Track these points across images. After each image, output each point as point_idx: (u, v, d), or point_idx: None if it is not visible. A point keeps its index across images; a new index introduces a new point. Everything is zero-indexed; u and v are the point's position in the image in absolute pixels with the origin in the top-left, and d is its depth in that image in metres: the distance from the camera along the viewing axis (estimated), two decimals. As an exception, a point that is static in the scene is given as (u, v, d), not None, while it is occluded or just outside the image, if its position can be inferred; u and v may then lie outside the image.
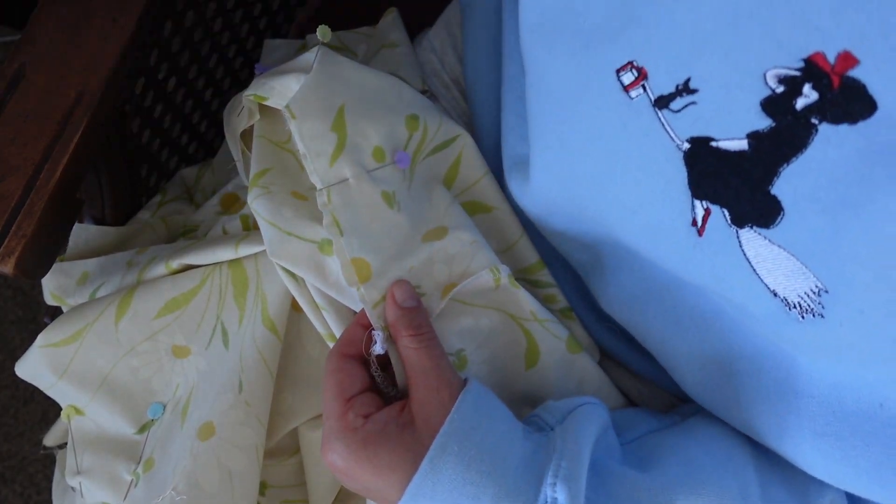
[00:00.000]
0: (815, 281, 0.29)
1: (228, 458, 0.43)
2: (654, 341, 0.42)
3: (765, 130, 0.28)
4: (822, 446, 0.33)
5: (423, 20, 0.60)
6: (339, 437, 0.36)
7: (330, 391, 0.38)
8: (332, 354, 0.39)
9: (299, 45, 0.62)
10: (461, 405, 0.35)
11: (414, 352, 0.37)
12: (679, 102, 0.30)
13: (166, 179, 0.62)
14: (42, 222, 0.43)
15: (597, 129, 0.34)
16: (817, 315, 0.29)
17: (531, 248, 0.47)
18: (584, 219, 0.40)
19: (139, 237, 0.55)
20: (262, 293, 0.45)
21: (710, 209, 0.31)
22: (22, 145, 0.44)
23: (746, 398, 0.37)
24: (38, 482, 1.05)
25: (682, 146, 0.31)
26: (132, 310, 0.46)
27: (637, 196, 0.34)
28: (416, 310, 0.39)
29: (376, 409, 0.37)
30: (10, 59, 0.46)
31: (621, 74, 0.32)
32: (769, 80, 0.27)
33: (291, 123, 0.41)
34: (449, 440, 0.34)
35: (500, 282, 0.42)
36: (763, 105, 0.27)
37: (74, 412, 0.49)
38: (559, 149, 0.37)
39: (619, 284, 0.41)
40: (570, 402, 0.40)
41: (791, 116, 0.27)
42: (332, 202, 0.40)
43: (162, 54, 0.54)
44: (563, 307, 0.47)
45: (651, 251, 0.36)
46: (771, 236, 0.29)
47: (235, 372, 0.44)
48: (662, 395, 0.49)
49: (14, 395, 1.08)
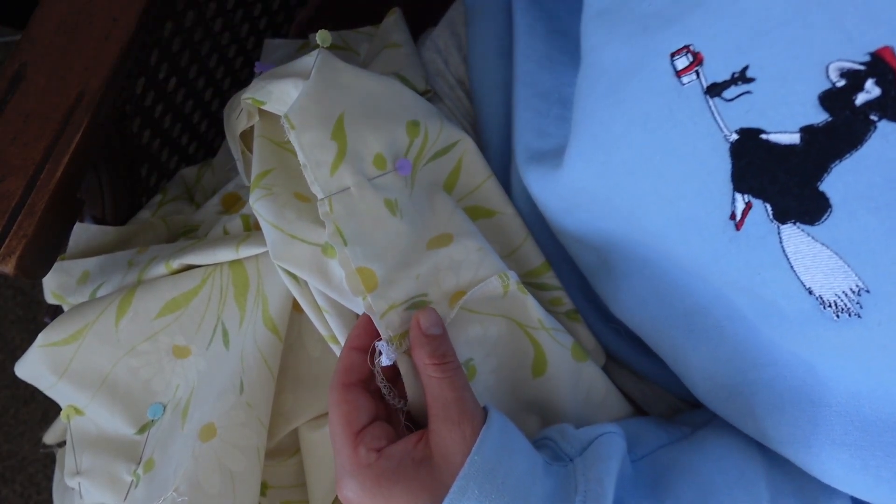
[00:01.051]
0: (857, 280, 0.28)
1: (230, 459, 0.42)
2: (666, 346, 0.41)
3: (819, 125, 0.27)
4: (841, 456, 0.33)
5: (426, 20, 0.60)
6: (352, 475, 0.35)
7: (337, 425, 0.36)
8: (334, 387, 0.37)
9: (299, 45, 0.62)
10: (482, 445, 0.34)
11: (437, 382, 0.36)
12: (733, 91, 0.29)
13: (166, 179, 0.62)
14: (43, 222, 0.43)
15: (641, 115, 0.33)
16: (853, 315, 0.29)
17: (536, 251, 0.47)
18: (608, 213, 0.39)
19: (140, 237, 0.55)
20: (263, 293, 0.45)
21: (752, 203, 0.30)
22: (22, 145, 0.44)
23: (761, 407, 0.36)
24: (39, 482, 1.06)
25: (730, 137, 0.30)
26: (132, 310, 0.46)
27: (674, 186, 0.33)
28: (441, 338, 0.38)
29: (388, 442, 0.36)
30: (10, 59, 0.46)
31: (675, 59, 0.31)
32: (831, 73, 0.26)
33: (291, 134, 0.40)
34: (469, 483, 0.33)
35: (509, 288, 0.41)
36: (821, 98, 0.27)
37: (74, 412, 0.49)
38: (600, 134, 0.36)
39: (630, 288, 0.41)
40: (590, 432, 0.39)
41: (849, 112, 0.26)
42: (334, 211, 0.40)
43: (162, 54, 0.54)
44: (568, 309, 0.47)
45: (680, 245, 0.35)
46: (814, 233, 0.29)
47: (236, 373, 0.44)
48: (667, 397, 0.49)
49: (14, 395, 1.08)
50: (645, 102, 0.33)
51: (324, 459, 0.46)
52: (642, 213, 0.36)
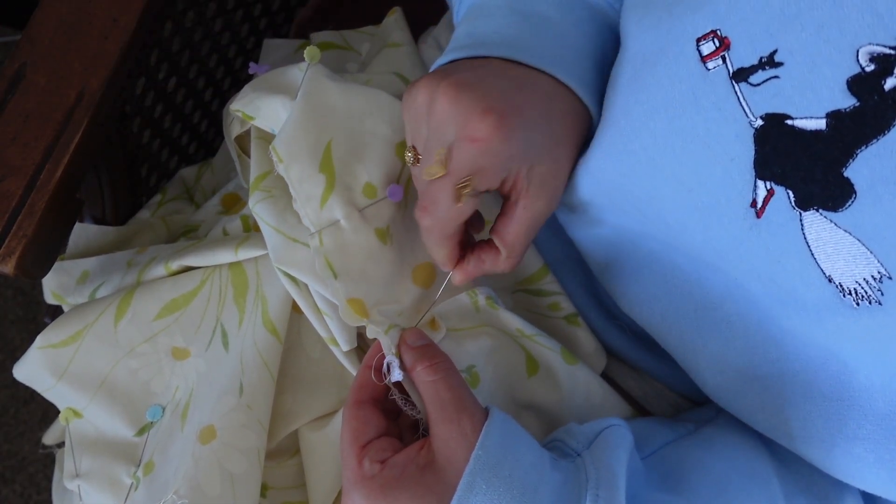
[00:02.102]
0: (879, 266, 0.28)
1: (230, 461, 0.42)
2: (675, 342, 0.41)
3: (847, 110, 0.27)
4: (855, 450, 0.33)
5: (426, 19, 0.60)
6: (357, 488, 0.35)
7: (345, 440, 0.37)
8: (346, 405, 0.38)
9: (299, 45, 0.62)
10: (486, 439, 0.34)
11: (431, 384, 0.36)
12: (760, 76, 0.29)
13: (166, 179, 0.62)
14: (43, 222, 0.43)
15: (664, 100, 0.33)
16: (874, 302, 0.29)
17: (534, 256, 0.46)
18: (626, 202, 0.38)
19: (139, 237, 0.55)
20: (263, 295, 0.44)
21: (774, 190, 0.30)
22: (22, 145, 0.44)
23: (772, 402, 0.36)
24: (39, 482, 1.05)
25: (755, 123, 0.30)
26: (131, 311, 0.46)
27: (695, 173, 0.33)
28: (428, 345, 0.38)
29: (393, 453, 0.36)
30: (10, 59, 0.45)
31: (701, 44, 0.31)
32: (861, 57, 0.26)
33: (279, 167, 0.40)
34: (476, 478, 0.33)
35: (479, 304, 0.42)
36: (849, 83, 0.27)
37: (73, 415, 0.49)
38: (621, 121, 0.36)
39: (640, 283, 0.41)
40: (595, 426, 0.39)
41: (878, 97, 0.26)
42: (324, 245, 0.40)
43: (162, 54, 0.54)
44: (567, 314, 0.47)
45: (699, 234, 0.35)
46: (837, 220, 0.29)
47: (236, 374, 0.44)
48: (669, 395, 0.49)
49: (14, 395, 1.08)
50: (668, 88, 0.32)
51: (324, 460, 0.46)
52: (661, 202, 0.36)
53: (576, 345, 0.47)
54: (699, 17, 0.31)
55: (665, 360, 0.44)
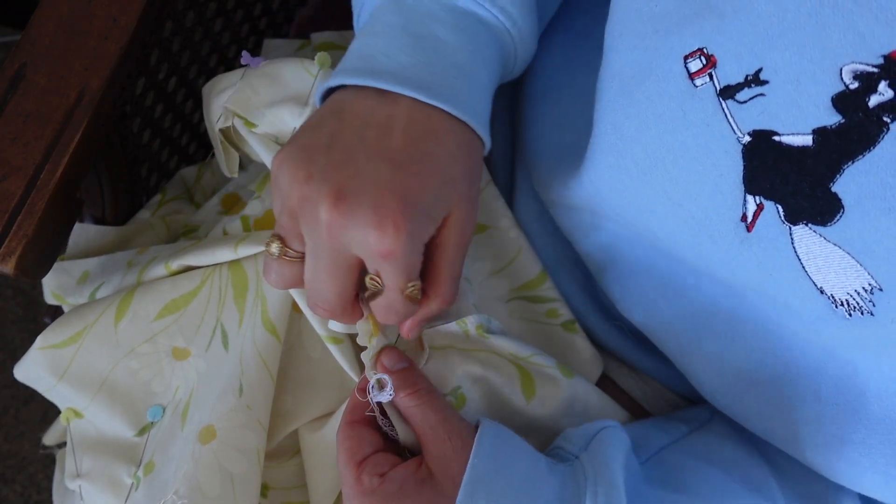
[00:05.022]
0: (869, 279, 0.29)
1: (230, 461, 0.42)
2: (673, 345, 0.41)
3: (832, 126, 0.27)
4: (849, 454, 0.33)
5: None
6: (357, 502, 0.35)
7: (341, 459, 0.37)
8: (340, 426, 0.38)
9: (299, 45, 0.62)
10: (479, 449, 0.34)
11: (417, 409, 0.36)
12: (746, 93, 0.29)
13: (166, 179, 0.62)
14: (43, 222, 0.43)
15: (653, 117, 0.33)
16: (866, 313, 0.29)
17: (533, 261, 0.46)
18: (618, 215, 0.39)
19: (139, 237, 0.55)
20: (262, 295, 0.44)
21: (764, 205, 0.31)
22: (22, 145, 0.44)
23: (768, 406, 0.36)
24: (39, 482, 1.05)
25: (743, 139, 0.30)
26: (132, 311, 0.46)
27: (685, 188, 0.33)
28: (408, 370, 0.38)
29: (391, 468, 0.36)
30: (10, 59, 0.45)
31: (689, 61, 0.31)
32: (844, 75, 0.26)
33: None
34: (475, 488, 0.33)
35: (469, 333, 0.41)
36: (834, 101, 0.27)
37: (73, 415, 0.49)
38: (611, 136, 0.36)
39: (638, 287, 0.41)
40: (590, 428, 0.39)
41: (862, 114, 0.26)
42: None
43: (162, 54, 0.54)
44: (565, 320, 0.46)
45: (690, 248, 0.35)
46: (826, 234, 0.29)
47: (236, 374, 0.44)
48: (667, 394, 0.49)
49: (14, 395, 1.08)
50: (657, 105, 0.33)
51: (324, 460, 0.46)
52: (652, 216, 0.36)
53: (573, 352, 0.47)
54: (686, 34, 0.31)
55: (664, 361, 0.44)
